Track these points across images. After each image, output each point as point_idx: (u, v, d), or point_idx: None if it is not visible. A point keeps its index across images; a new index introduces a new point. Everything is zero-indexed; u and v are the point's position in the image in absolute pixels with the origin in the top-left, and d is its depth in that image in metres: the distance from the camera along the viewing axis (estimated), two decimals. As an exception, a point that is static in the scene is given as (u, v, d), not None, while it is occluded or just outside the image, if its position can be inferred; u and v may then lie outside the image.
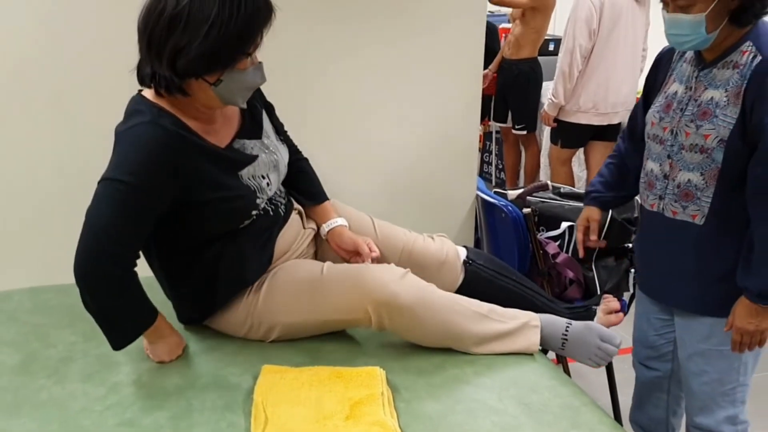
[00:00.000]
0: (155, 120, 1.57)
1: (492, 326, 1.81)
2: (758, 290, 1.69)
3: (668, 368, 2.09)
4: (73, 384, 1.68)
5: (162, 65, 1.51)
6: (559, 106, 3.86)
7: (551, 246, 2.51)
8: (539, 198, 2.66)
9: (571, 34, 3.69)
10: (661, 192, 1.84)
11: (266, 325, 1.81)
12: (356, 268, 1.81)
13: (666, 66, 1.89)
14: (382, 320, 1.75)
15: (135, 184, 1.55)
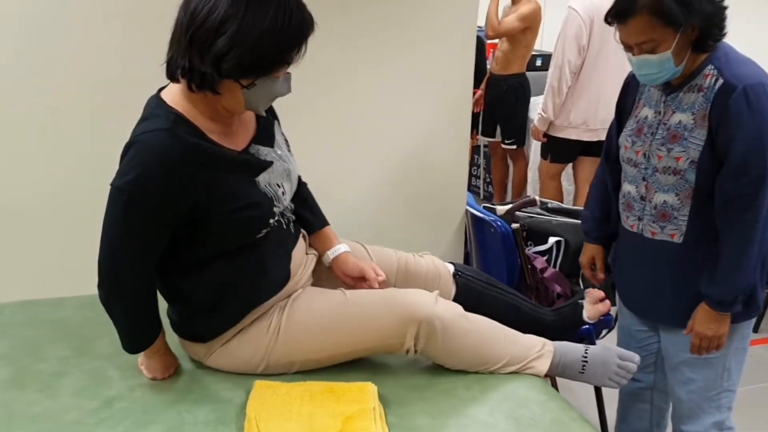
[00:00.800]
0: (172, 128, 1.55)
1: (512, 350, 1.84)
2: (719, 298, 1.77)
3: (651, 380, 2.13)
4: (65, 398, 1.68)
5: (204, 63, 1.50)
6: (548, 121, 3.89)
7: (539, 261, 2.54)
8: (527, 213, 2.70)
9: (561, 50, 3.72)
10: (639, 213, 1.90)
11: (285, 362, 1.76)
12: (386, 292, 1.81)
13: (634, 90, 1.96)
14: (418, 342, 1.74)
15: (139, 194, 1.54)
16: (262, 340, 1.74)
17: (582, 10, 3.62)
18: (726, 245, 1.75)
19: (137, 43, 2.17)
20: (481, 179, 5.47)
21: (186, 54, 1.52)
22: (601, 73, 3.73)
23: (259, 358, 1.75)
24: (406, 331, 1.73)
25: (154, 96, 1.66)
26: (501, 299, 2.06)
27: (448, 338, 1.76)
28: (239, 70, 1.52)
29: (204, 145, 1.59)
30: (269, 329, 1.75)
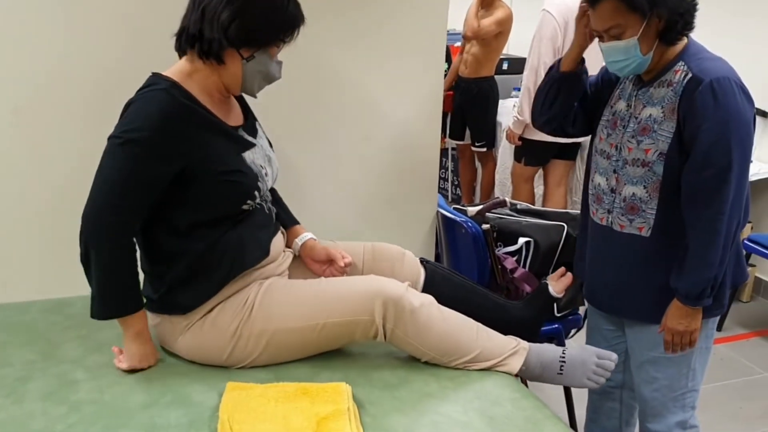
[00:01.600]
0: (169, 89, 1.68)
1: (485, 344, 1.86)
2: (686, 292, 1.80)
3: (620, 378, 2.15)
4: (32, 403, 1.64)
5: (213, 29, 1.67)
6: (524, 123, 3.89)
7: (509, 261, 2.56)
8: (497, 214, 2.71)
9: (536, 52, 3.73)
10: (608, 206, 1.93)
11: (257, 335, 1.77)
12: (361, 276, 1.90)
13: (611, 82, 2.00)
14: (387, 322, 1.77)
15: (145, 142, 1.64)
16: (238, 313, 1.77)
17: (556, 13, 3.64)
18: (692, 238, 1.78)
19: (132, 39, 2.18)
20: (449, 182, 5.50)
21: (197, 24, 1.69)
22: None
23: (233, 330, 1.76)
24: (374, 307, 1.77)
25: (153, 74, 1.76)
26: (469, 286, 2.12)
27: (417, 321, 1.79)
28: (242, 37, 1.69)
29: (198, 109, 1.72)
30: (246, 302, 1.78)
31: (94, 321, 1.99)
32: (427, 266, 2.07)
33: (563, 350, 1.90)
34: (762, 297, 4.15)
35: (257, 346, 1.78)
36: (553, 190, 4.11)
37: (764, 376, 3.30)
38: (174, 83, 1.71)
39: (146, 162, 1.66)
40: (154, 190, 1.69)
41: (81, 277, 2.23)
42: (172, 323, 1.80)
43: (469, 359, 1.84)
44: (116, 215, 1.67)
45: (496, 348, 1.87)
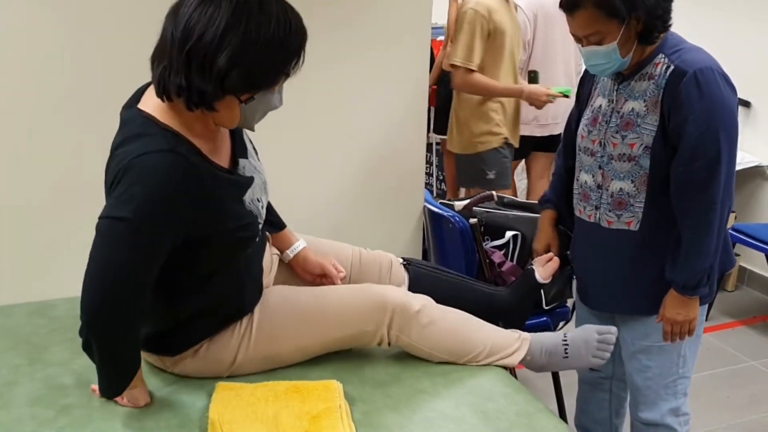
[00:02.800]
0: (174, 149, 1.44)
1: (492, 336, 1.86)
2: (683, 282, 1.81)
3: (610, 370, 2.17)
4: (20, 408, 1.62)
5: (205, 80, 1.40)
6: None
7: (497, 255, 2.56)
8: (484, 208, 2.71)
9: None
10: (596, 202, 1.93)
11: (261, 356, 1.71)
12: (358, 285, 1.86)
13: (590, 80, 2.00)
14: (392, 329, 1.75)
15: (145, 222, 1.43)
16: (234, 341, 1.70)
17: (526, 7, 3.66)
18: (685, 229, 1.79)
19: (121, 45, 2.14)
20: (434, 177, 5.49)
21: (182, 71, 1.41)
22: (548, 68, 3.76)
23: (230, 360, 1.71)
24: (379, 317, 1.74)
25: (134, 110, 1.52)
26: (455, 281, 2.10)
27: (425, 323, 1.77)
28: (242, 86, 1.44)
29: (204, 166, 1.50)
30: (240, 329, 1.71)
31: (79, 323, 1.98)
32: (410, 268, 2.03)
33: (564, 334, 1.90)
34: (746, 286, 4.19)
35: (258, 365, 1.74)
36: (536, 183, 4.12)
37: (750, 364, 3.34)
38: (174, 135, 1.46)
39: (157, 240, 1.46)
40: (161, 261, 1.50)
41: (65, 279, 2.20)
42: (161, 361, 1.73)
43: (479, 354, 1.83)
44: (130, 299, 1.47)
45: (502, 340, 1.87)
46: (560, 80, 3.84)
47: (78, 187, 2.20)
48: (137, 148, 1.44)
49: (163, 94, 1.46)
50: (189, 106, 1.45)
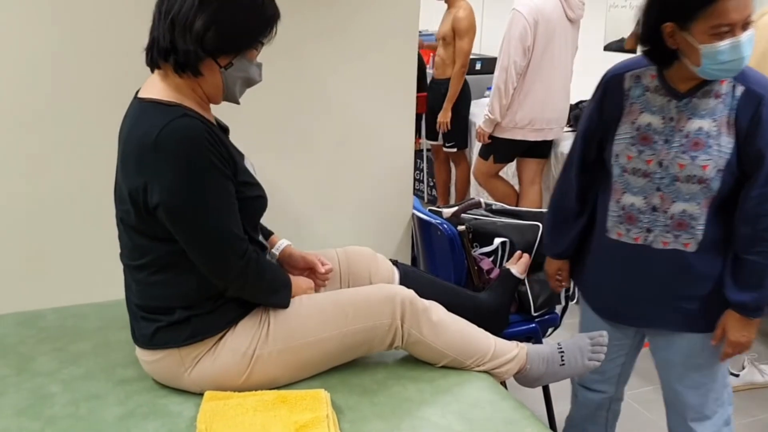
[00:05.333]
0: (186, 113, 1.57)
1: (496, 341, 1.89)
2: (754, 305, 1.76)
3: (613, 390, 2.13)
4: (6, 419, 1.62)
5: (187, 40, 1.55)
6: (495, 122, 3.92)
7: (485, 262, 2.57)
8: (472, 215, 2.72)
9: (506, 52, 3.76)
10: (648, 224, 1.81)
11: (277, 353, 1.71)
12: (369, 285, 1.91)
13: (619, 95, 1.82)
14: (404, 324, 1.77)
15: (210, 174, 1.56)
16: (255, 333, 1.71)
17: (526, 12, 3.68)
18: (752, 253, 1.73)
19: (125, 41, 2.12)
20: (425, 183, 5.51)
21: (168, 35, 1.56)
22: (546, 74, 3.80)
23: (251, 353, 1.69)
24: (393, 308, 1.77)
25: (135, 101, 1.65)
26: (438, 281, 2.18)
27: (435, 320, 1.81)
28: (219, 45, 1.58)
29: (211, 124, 1.64)
30: (260, 321, 1.73)
31: (68, 334, 2.00)
32: (400, 266, 2.10)
33: (557, 343, 1.93)
34: None
35: (278, 365, 1.72)
36: (527, 189, 4.14)
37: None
38: (179, 105, 1.59)
39: (225, 183, 1.60)
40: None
41: (53, 289, 2.23)
42: (180, 356, 1.68)
43: (484, 356, 1.85)
44: (241, 244, 1.63)
45: (503, 344, 1.91)
46: (559, 87, 3.87)
47: (68, 197, 2.21)
48: (153, 125, 1.55)
49: (152, 63, 1.63)
50: (176, 69, 1.59)
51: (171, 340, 1.68)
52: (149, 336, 1.69)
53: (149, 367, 1.74)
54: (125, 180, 1.61)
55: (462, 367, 1.86)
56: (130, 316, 1.75)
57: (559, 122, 3.98)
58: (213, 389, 1.70)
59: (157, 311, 1.69)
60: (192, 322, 1.67)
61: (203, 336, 1.68)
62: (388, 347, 1.82)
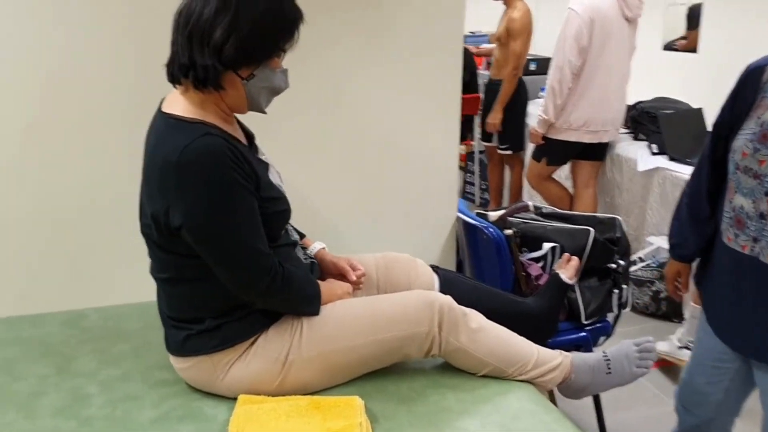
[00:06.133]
0: (207, 132, 1.53)
1: (539, 348, 1.83)
2: None
3: (712, 415, 1.93)
4: (43, 419, 1.63)
5: (205, 54, 1.50)
6: (548, 123, 3.83)
7: (534, 268, 2.49)
8: (521, 219, 2.64)
9: (561, 51, 3.67)
10: (755, 233, 1.62)
11: (310, 359, 1.68)
12: (408, 291, 1.85)
13: (753, 88, 1.65)
14: (442, 331, 1.73)
15: (239, 188, 1.53)
16: (287, 338, 1.68)
17: (582, 11, 3.59)
18: None
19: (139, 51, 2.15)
20: (476, 186, 5.42)
21: (186, 50, 1.52)
22: (602, 74, 3.69)
23: (284, 358, 1.66)
24: (431, 315, 1.72)
25: (159, 115, 1.61)
26: (481, 287, 2.10)
27: (474, 327, 1.76)
28: (238, 58, 1.52)
29: (235, 140, 1.60)
30: (293, 325, 1.70)
31: (109, 334, 2.01)
32: (440, 271, 2.04)
33: (603, 351, 1.86)
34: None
35: (311, 371, 1.69)
36: (582, 192, 4.03)
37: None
38: (201, 123, 1.55)
39: (248, 200, 1.56)
40: None
41: (97, 289, 2.25)
42: (212, 362, 1.67)
43: (527, 363, 1.79)
44: (266, 260, 1.60)
45: (546, 352, 1.85)
46: (615, 89, 3.76)
47: (112, 199, 2.23)
48: (176, 146, 1.50)
49: (174, 79, 1.58)
50: (196, 84, 1.54)
51: (202, 348, 1.67)
52: (180, 343, 1.69)
53: (183, 374, 1.74)
54: (148, 200, 1.60)
55: (504, 376, 1.80)
56: (163, 324, 1.74)
57: (615, 124, 3.86)
58: (247, 394, 1.68)
59: (188, 321, 1.68)
60: (222, 329, 1.66)
61: (233, 342, 1.66)
62: (425, 355, 1.77)
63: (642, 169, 3.75)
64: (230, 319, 1.65)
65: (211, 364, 1.67)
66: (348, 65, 2.39)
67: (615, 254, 2.50)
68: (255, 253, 1.59)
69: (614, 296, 2.55)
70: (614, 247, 2.50)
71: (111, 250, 2.26)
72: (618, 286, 2.52)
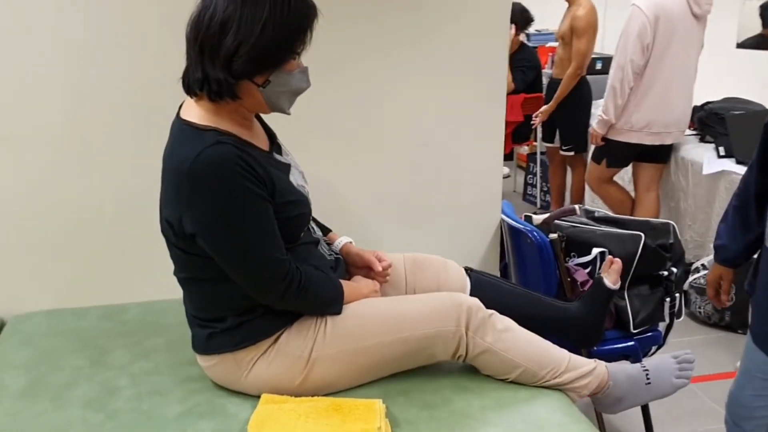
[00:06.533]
0: (218, 141, 1.51)
1: (570, 354, 1.78)
2: None
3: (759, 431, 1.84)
4: (73, 410, 1.67)
5: (216, 68, 1.50)
6: (609, 123, 3.71)
7: (580, 273, 2.40)
8: (570, 222, 2.56)
9: (623, 49, 3.55)
10: None
11: (334, 356, 1.66)
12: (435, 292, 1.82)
13: None
14: (469, 331, 1.69)
15: (250, 195, 1.52)
16: (310, 335, 1.67)
17: (646, 8, 3.46)
18: None
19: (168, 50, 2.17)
20: (538, 188, 5.31)
21: (198, 64, 1.52)
22: (666, 74, 3.55)
23: (306, 356, 1.66)
24: (457, 315, 1.69)
25: (176, 120, 1.62)
26: (519, 293, 2.02)
27: (500, 328, 1.72)
28: (250, 68, 1.51)
29: (248, 147, 1.59)
30: (316, 322, 1.69)
31: (146, 328, 2.05)
32: (472, 274, 1.99)
33: (641, 363, 1.80)
34: None
35: (335, 369, 1.68)
36: (643, 195, 3.88)
37: None
38: (214, 131, 1.54)
39: (261, 206, 1.55)
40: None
41: (140, 284, 2.29)
42: (235, 360, 1.67)
43: (559, 365, 1.74)
44: (281, 266, 1.58)
45: (579, 358, 1.78)
46: (679, 89, 3.61)
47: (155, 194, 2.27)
48: (187, 154, 1.50)
49: (190, 91, 1.58)
50: (211, 96, 1.54)
51: (224, 345, 1.67)
52: (204, 342, 1.70)
53: (208, 372, 1.75)
54: (165, 205, 1.62)
55: (535, 380, 1.74)
56: (188, 323, 1.76)
57: (680, 126, 3.70)
58: (270, 392, 1.68)
59: (210, 319, 1.69)
60: (244, 327, 1.66)
61: (255, 340, 1.66)
62: (452, 357, 1.73)
63: (707, 173, 3.58)
64: (252, 317, 1.66)
65: (234, 362, 1.68)
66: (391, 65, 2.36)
67: (667, 261, 2.39)
68: (268, 260, 1.58)
69: (666, 305, 2.44)
70: (666, 254, 2.39)
71: (155, 246, 2.29)
72: (670, 294, 2.41)
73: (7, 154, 2.13)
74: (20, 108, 2.11)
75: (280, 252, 1.60)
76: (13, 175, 2.15)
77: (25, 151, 2.14)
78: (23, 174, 2.16)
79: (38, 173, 2.17)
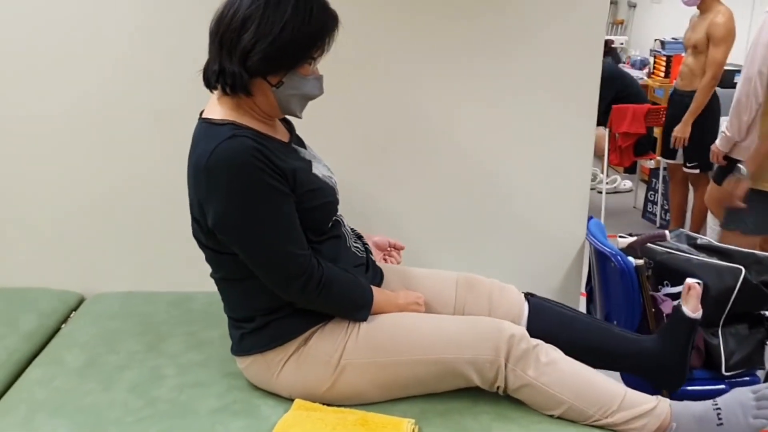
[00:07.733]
0: (234, 134, 1.53)
1: (626, 389, 1.65)
2: None
3: None
4: (118, 393, 1.72)
5: (232, 62, 1.53)
6: (732, 141, 3.40)
7: (667, 304, 2.21)
8: (666, 248, 2.36)
9: (752, 60, 3.23)
10: None
11: (363, 367, 1.63)
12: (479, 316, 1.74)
13: None
14: (509, 362, 1.61)
15: (268, 189, 1.52)
16: (340, 341, 1.64)
17: None
18: None
19: None
20: (659, 206, 4.99)
21: (217, 57, 1.56)
22: None
23: (335, 362, 1.63)
24: (497, 343, 1.60)
25: (199, 119, 1.65)
26: (584, 320, 1.87)
27: (545, 361, 1.61)
28: (264, 66, 1.53)
29: (266, 139, 1.59)
30: (347, 328, 1.66)
31: (207, 318, 2.08)
32: (532, 300, 1.87)
33: (712, 399, 1.64)
34: None
35: (364, 379, 1.64)
36: (766, 224, 3.53)
37: None
38: (231, 125, 1.56)
39: (278, 197, 1.55)
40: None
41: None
42: (265, 361, 1.67)
43: (611, 404, 1.60)
44: (300, 262, 1.57)
45: (637, 394, 1.64)
46: None
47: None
48: (205, 150, 1.53)
49: (206, 82, 1.60)
50: (225, 89, 1.56)
51: (254, 346, 1.67)
52: (237, 342, 1.71)
53: (245, 373, 1.75)
54: (191, 203, 1.64)
55: (584, 419, 1.61)
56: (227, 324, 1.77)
57: None
58: (300, 395, 1.67)
59: (241, 320, 1.69)
60: (270, 327, 1.65)
61: (283, 341, 1.65)
62: (489, 386, 1.63)
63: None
64: (278, 317, 1.65)
65: (264, 363, 1.67)
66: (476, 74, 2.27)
67: (772, 299, 2.17)
68: (286, 255, 1.56)
69: (766, 349, 2.21)
70: (770, 291, 2.16)
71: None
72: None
73: (100, 144, 2.24)
74: (111, 100, 2.21)
75: (299, 246, 1.58)
76: (104, 163, 2.26)
77: (116, 141, 2.24)
78: (114, 162, 2.26)
79: (128, 162, 2.27)
